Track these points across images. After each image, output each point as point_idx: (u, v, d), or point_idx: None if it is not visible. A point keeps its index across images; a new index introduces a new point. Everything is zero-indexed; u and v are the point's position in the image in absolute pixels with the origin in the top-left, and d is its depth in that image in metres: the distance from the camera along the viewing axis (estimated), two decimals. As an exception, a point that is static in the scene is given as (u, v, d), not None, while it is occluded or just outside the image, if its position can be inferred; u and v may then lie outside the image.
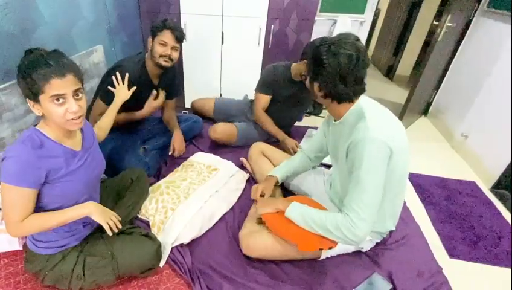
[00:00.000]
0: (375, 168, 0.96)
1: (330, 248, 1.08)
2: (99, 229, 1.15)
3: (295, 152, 1.84)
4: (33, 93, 0.84)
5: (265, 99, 1.91)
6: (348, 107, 1.07)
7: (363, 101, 1.07)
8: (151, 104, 1.68)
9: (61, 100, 0.85)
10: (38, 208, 0.93)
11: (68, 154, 0.95)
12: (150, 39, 1.56)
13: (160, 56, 1.53)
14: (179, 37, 1.54)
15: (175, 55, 1.56)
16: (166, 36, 1.51)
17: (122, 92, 1.44)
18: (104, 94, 1.51)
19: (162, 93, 1.72)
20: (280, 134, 1.95)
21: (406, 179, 1.16)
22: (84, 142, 1.04)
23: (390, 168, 1.00)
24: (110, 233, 1.01)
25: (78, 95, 0.88)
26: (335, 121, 1.15)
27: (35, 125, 0.93)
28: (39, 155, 0.87)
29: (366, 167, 0.95)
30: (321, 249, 1.11)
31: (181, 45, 1.60)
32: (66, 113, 0.86)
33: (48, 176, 0.89)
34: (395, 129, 1.03)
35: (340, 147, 1.10)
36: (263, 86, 1.90)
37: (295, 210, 1.13)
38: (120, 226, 1.04)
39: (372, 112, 1.03)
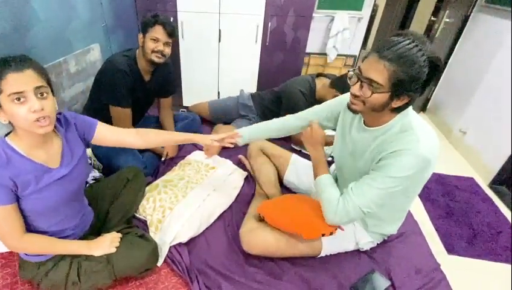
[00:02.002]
0: (399, 179, 0.93)
1: (331, 233, 1.08)
2: (92, 233, 1.15)
3: None
4: None
5: None
6: (394, 115, 0.98)
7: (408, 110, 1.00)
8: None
9: (21, 99, 0.76)
10: None
11: (39, 171, 0.87)
12: (140, 35, 1.53)
13: (153, 52, 1.51)
14: (171, 33, 1.52)
15: (167, 50, 1.54)
16: (158, 32, 1.49)
17: (214, 148, 1.39)
18: (116, 98, 1.52)
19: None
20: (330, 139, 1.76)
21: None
22: (64, 158, 0.95)
23: (418, 179, 1.00)
24: (114, 250, 1.05)
25: (42, 94, 0.79)
26: (367, 125, 1.05)
27: (6, 134, 0.86)
28: (4, 174, 0.81)
29: (393, 174, 0.92)
30: (323, 235, 1.10)
31: (174, 41, 1.58)
32: (29, 113, 0.77)
33: (17, 191, 0.85)
34: (436, 144, 0.97)
35: (369, 152, 1.03)
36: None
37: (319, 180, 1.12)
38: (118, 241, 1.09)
39: (419, 124, 0.96)
